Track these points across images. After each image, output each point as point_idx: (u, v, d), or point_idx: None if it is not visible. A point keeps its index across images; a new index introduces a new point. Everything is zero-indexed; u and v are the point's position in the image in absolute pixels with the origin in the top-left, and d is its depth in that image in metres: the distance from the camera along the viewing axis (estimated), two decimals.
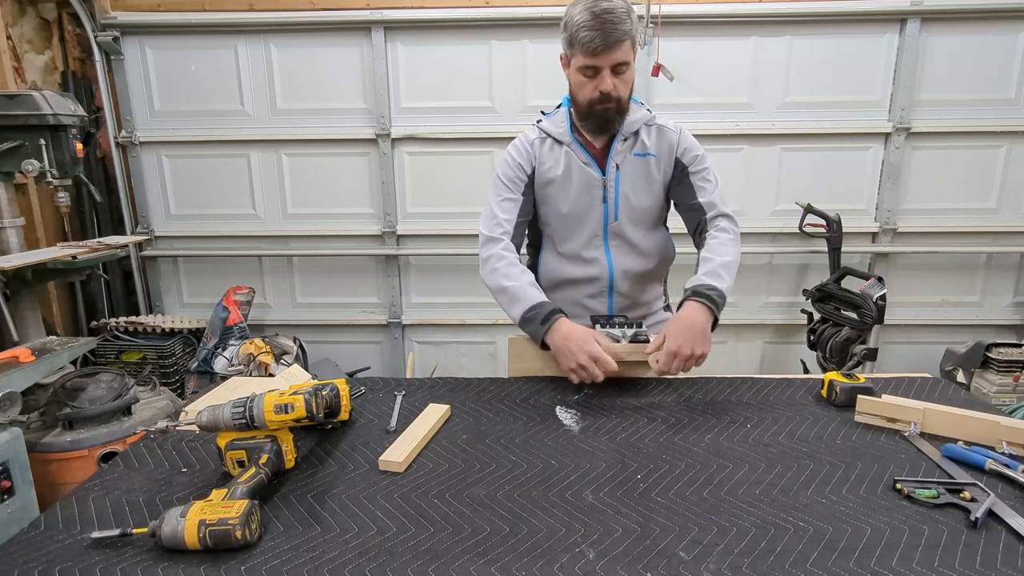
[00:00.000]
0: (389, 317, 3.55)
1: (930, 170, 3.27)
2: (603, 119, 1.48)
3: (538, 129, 1.62)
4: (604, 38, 1.35)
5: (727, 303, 1.43)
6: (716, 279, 1.43)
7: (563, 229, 1.63)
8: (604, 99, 1.44)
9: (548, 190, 1.60)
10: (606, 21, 1.34)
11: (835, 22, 3.11)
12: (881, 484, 1.02)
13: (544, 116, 1.64)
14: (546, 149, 1.59)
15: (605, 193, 1.57)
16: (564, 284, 1.67)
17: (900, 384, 1.44)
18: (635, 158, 1.57)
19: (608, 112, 1.46)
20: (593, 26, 1.35)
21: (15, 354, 1.89)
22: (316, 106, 3.30)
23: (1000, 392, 3.07)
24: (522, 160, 1.59)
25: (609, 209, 1.58)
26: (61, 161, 2.37)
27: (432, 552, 0.86)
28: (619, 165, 1.56)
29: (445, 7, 3.13)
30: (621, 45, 1.38)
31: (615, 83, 1.42)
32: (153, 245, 3.49)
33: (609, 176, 1.56)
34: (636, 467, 1.09)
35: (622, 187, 1.57)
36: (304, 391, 1.05)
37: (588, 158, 1.57)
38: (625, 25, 1.36)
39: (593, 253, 1.62)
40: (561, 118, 1.59)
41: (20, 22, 3.09)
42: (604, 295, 1.65)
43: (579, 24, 1.36)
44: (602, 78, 1.42)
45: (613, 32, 1.35)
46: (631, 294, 1.66)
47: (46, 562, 0.84)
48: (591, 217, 1.59)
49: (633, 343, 1.42)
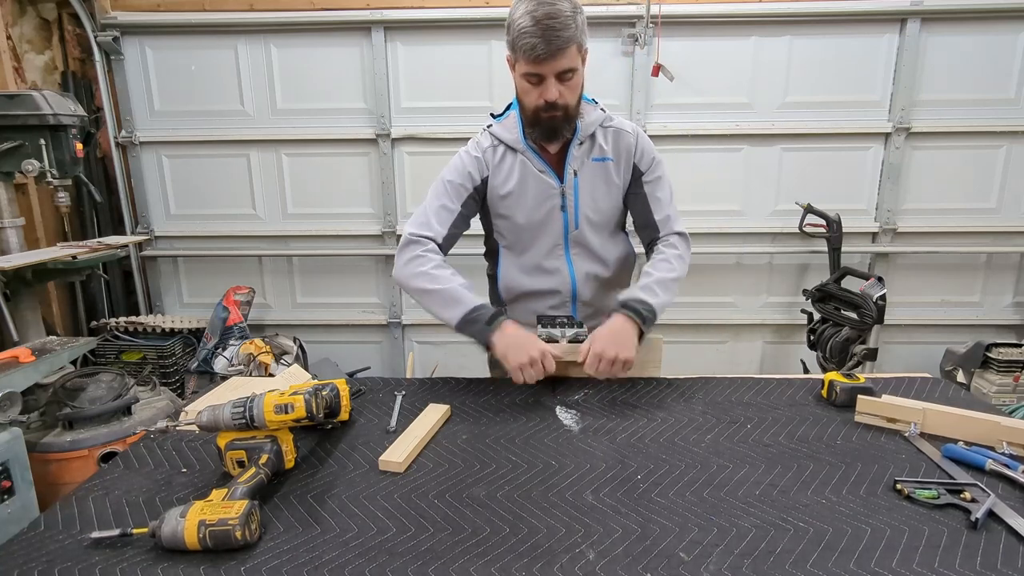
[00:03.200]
0: (389, 317, 3.55)
1: (930, 170, 3.27)
2: (550, 127, 1.42)
3: (490, 135, 1.54)
4: (547, 45, 1.28)
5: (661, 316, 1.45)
6: (649, 294, 1.44)
7: (522, 240, 1.58)
8: (550, 107, 1.37)
9: (504, 202, 1.53)
10: (548, 28, 1.26)
11: (835, 22, 3.11)
12: (881, 484, 1.02)
13: (494, 120, 1.56)
14: (499, 157, 1.52)
15: (564, 201, 1.51)
16: (526, 296, 1.62)
17: (900, 384, 1.44)
18: (593, 163, 1.51)
19: (555, 120, 1.40)
20: (535, 32, 1.27)
21: (15, 354, 1.89)
22: (316, 106, 3.30)
23: (1000, 392, 3.07)
24: (472, 169, 1.51)
25: (569, 217, 1.53)
26: (61, 161, 2.37)
27: (432, 552, 0.86)
28: (577, 171, 1.51)
29: (445, 7, 3.12)
30: (565, 52, 1.30)
31: (561, 90, 1.35)
32: (153, 245, 3.49)
33: (567, 184, 1.51)
34: (636, 467, 1.09)
35: (581, 194, 1.52)
36: (304, 391, 1.05)
37: (544, 165, 1.50)
38: (569, 31, 1.28)
39: (554, 263, 1.57)
40: (513, 123, 1.51)
41: (20, 22, 3.09)
42: (567, 305, 1.61)
43: (520, 30, 1.29)
44: (547, 86, 1.35)
45: (556, 39, 1.27)
46: (594, 302, 1.63)
47: (46, 562, 0.84)
48: (550, 227, 1.54)
49: (571, 343, 1.42)
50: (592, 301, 1.63)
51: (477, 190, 1.53)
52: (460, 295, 1.42)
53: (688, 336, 3.54)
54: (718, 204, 3.36)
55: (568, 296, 1.61)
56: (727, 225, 3.36)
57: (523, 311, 1.63)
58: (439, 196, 1.51)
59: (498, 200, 1.54)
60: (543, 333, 1.43)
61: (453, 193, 1.51)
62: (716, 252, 3.38)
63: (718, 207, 3.36)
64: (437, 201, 1.51)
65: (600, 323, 1.53)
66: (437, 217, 1.50)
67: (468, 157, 1.52)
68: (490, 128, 1.55)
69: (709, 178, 3.32)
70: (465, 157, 1.53)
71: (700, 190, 3.31)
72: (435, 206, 1.50)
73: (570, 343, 1.43)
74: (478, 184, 1.52)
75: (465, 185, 1.51)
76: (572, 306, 1.62)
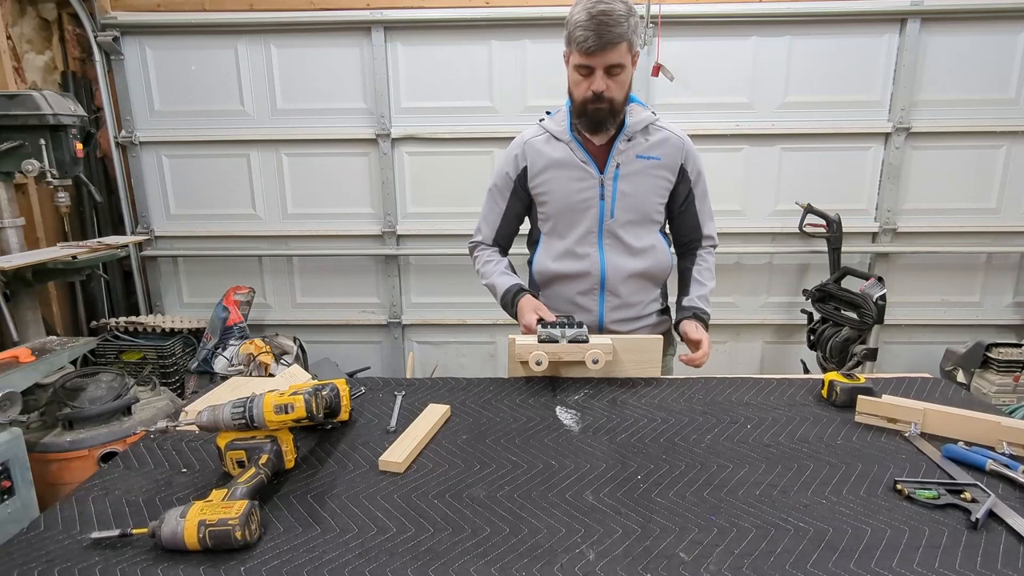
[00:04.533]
0: (389, 317, 3.55)
1: (930, 170, 3.27)
2: (595, 119, 1.50)
3: (540, 127, 1.66)
4: (598, 39, 1.37)
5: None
6: (707, 303, 1.68)
7: (559, 225, 1.65)
8: (596, 99, 1.46)
9: (545, 186, 1.63)
10: (602, 23, 1.36)
11: (835, 22, 3.11)
12: (881, 485, 1.02)
13: (547, 115, 1.68)
14: (542, 144, 1.63)
15: (602, 191, 1.58)
16: (556, 280, 1.68)
17: (900, 384, 1.44)
18: (638, 160, 1.58)
19: (600, 112, 1.49)
20: (588, 26, 1.37)
21: (15, 354, 1.89)
22: (316, 106, 3.30)
23: (1000, 392, 3.07)
24: (509, 168, 1.66)
25: (606, 207, 1.59)
26: (61, 161, 2.37)
27: (432, 552, 0.86)
28: (619, 164, 1.58)
29: (445, 7, 3.12)
30: (616, 47, 1.39)
31: (608, 84, 1.44)
32: (153, 245, 3.49)
33: (607, 175, 1.58)
34: (636, 467, 1.09)
35: (620, 186, 1.58)
36: (304, 391, 1.05)
37: (586, 156, 1.59)
38: (621, 28, 1.38)
39: (586, 249, 1.63)
40: (562, 117, 1.62)
41: (20, 22, 3.08)
42: (595, 292, 1.65)
43: (576, 23, 1.39)
44: (595, 78, 1.44)
45: (607, 33, 1.37)
46: (623, 295, 1.66)
47: (46, 562, 0.84)
48: (587, 214, 1.61)
49: (572, 343, 1.44)
50: (620, 293, 1.66)
51: (519, 181, 1.66)
52: (497, 283, 1.68)
53: None
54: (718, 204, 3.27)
55: (596, 283, 1.64)
56: (727, 225, 3.36)
57: (555, 297, 1.71)
58: (486, 202, 1.74)
59: (538, 182, 1.64)
60: (543, 334, 1.45)
61: (497, 195, 1.71)
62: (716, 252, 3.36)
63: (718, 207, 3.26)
64: (485, 208, 1.74)
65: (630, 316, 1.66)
66: (485, 222, 1.74)
67: (507, 156, 1.68)
68: (541, 121, 1.67)
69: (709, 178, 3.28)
70: (504, 157, 1.69)
71: None
72: (483, 213, 1.75)
73: (570, 343, 1.43)
74: (518, 176, 1.66)
75: (505, 183, 1.68)
76: (600, 294, 1.65)
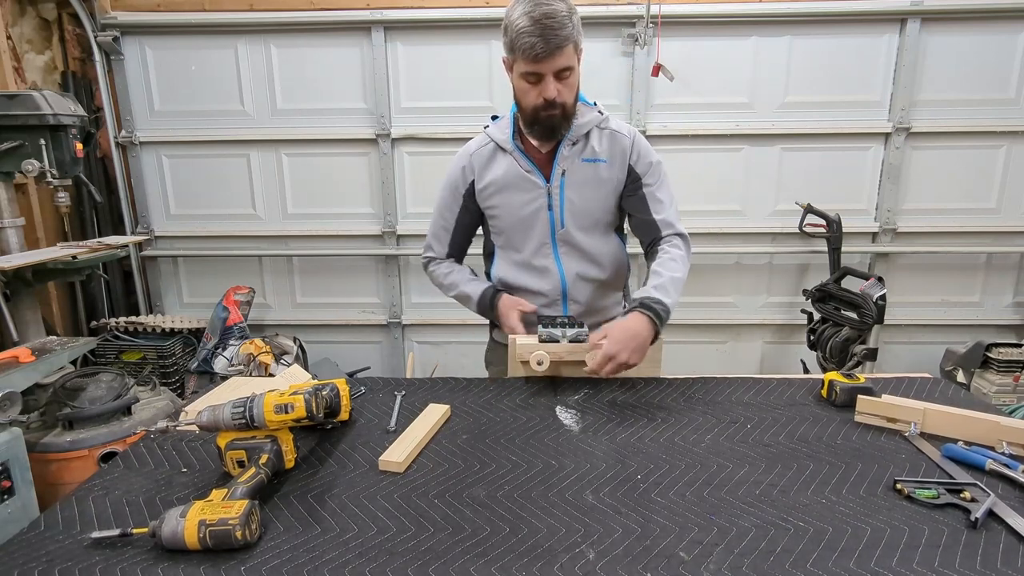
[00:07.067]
0: (389, 317, 3.55)
1: (930, 170, 3.27)
2: (549, 126, 1.44)
3: (485, 135, 1.59)
4: (546, 44, 1.31)
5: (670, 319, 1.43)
6: (664, 294, 1.41)
7: (512, 238, 1.61)
8: (549, 106, 1.40)
9: (492, 200, 1.58)
10: (547, 27, 1.30)
11: (835, 22, 3.11)
12: (881, 484, 1.02)
13: (492, 122, 1.61)
14: (487, 157, 1.57)
15: (550, 200, 1.54)
16: (518, 292, 1.64)
17: (900, 384, 1.44)
18: (583, 164, 1.52)
19: (554, 119, 1.42)
20: (533, 31, 1.30)
21: (15, 354, 1.89)
22: (316, 106, 3.30)
23: (1000, 392, 3.07)
24: (458, 181, 1.61)
25: (555, 216, 1.55)
26: (61, 161, 2.37)
27: (432, 552, 0.86)
28: (565, 171, 1.52)
29: (445, 7, 3.13)
30: (563, 50, 1.33)
31: (559, 88, 1.38)
32: (153, 245, 3.49)
33: (553, 183, 1.53)
34: (636, 467, 1.09)
35: (567, 193, 1.53)
36: (304, 391, 1.05)
37: (530, 165, 1.53)
38: (566, 30, 1.32)
39: (543, 262, 1.59)
40: (505, 124, 1.56)
41: (20, 22, 3.08)
42: (558, 304, 1.62)
43: (519, 30, 1.32)
44: (545, 84, 1.37)
45: (554, 38, 1.31)
46: (586, 301, 1.63)
47: (46, 562, 0.84)
48: (537, 225, 1.56)
49: (572, 343, 1.42)
50: (583, 300, 1.63)
51: (467, 196, 1.61)
52: (470, 292, 1.64)
53: (688, 336, 3.54)
54: (718, 204, 3.36)
55: (558, 295, 1.61)
56: (727, 225, 3.36)
57: None
58: (435, 218, 1.68)
59: (486, 199, 1.60)
60: (544, 333, 1.44)
61: (446, 210, 1.66)
62: (716, 252, 3.38)
63: (718, 207, 3.36)
64: (434, 223, 1.69)
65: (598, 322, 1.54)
66: (436, 239, 1.70)
67: (454, 168, 1.62)
68: (487, 128, 1.60)
69: (709, 178, 3.32)
70: (452, 169, 1.63)
71: (700, 190, 3.30)
72: (433, 229, 1.69)
73: (571, 343, 1.43)
74: (467, 189, 1.61)
75: (455, 199, 1.63)
76: (563, 306, 1.63)
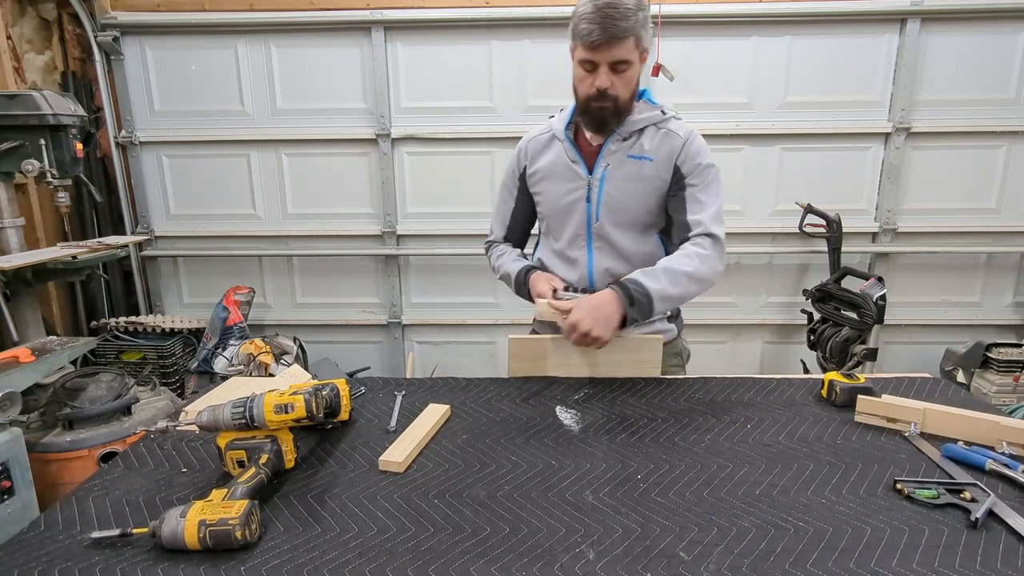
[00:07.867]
0: (389, 317, 3.55)
1: (930, 170, 3.27)
2: (599, 118, 1.43)
3: (547, 124, 1.63)
4: (603, 32, 1.29)
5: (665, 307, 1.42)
6: (649, 278, 1.37)
7: (552, 226, 1.64)
8: (600, 96, 1.37)
9: (538, 187, 1.62)
10: (608, 15, 1.28)
11: (835, 22, 3.11)
12: (881, 484, 1.02)
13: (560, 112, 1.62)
14: (543, 143, 1.61)
15: (589, 193, 1.53)
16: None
17: (900, 384, 1.44)
18: (628, 159, 1.49)
19: (604, 111, 1.40)
20: (593, 19, 1.29)
21: (15, 354, 1.89)
22: (316, 106, 3.30)
23: (1000, 392, 3.07)
24: (514, 166, 1.67)
25: (592, 209, 1.54)
26: (61, 161, 2.37)
27: (432, 552, 0.86)
28: (608, 165, 1.51)
29: (445, 7, 3.12)
30: (622, 42, 1.31)
31: (613, 81, 1.36)
32: (153, 245, 3.49)
33: (595, 176, 1.52)
34: (636, 467, 1.09)
35: (607, 187, 1.51)
36: (304, 391, 1.05)
37: (576, 156, 1.53)
38: (628, 22, 1.29)
39: (576, 253, 1.59)
40: (566, 114, 1.57)
41: (20, 22, 3.08)
42: None
43: (581, 15, 1.31)
44: (599, 74, 1.35)
45: (613, 27, 1.29)
46: None
47: (46, 562, 0.84)
48: (574, 216, 1.56)
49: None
50: None
51: (522, 180, 1.67)
52: (509, 271, 1.66)
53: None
54: None
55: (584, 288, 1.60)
56: (727, 225, 3.35)
57: None
58: (497, 201, 1.75)
59: (533, 184, 1.64)
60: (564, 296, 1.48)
61: (506, 194, 1.72)
62: None
63: None
64: (496, 206, 1.75)
65: None
66: (496, 220, 1.76)
67: (515, 152, 1.68)
68: (551, 118, 1.64)
69: None
70: (513, 153, 1.68)
71: None
72: (495, 211, 1.76)
73: None
74: (520, 173, 1.66)
75: (513, 182, 1.69)
76: None
